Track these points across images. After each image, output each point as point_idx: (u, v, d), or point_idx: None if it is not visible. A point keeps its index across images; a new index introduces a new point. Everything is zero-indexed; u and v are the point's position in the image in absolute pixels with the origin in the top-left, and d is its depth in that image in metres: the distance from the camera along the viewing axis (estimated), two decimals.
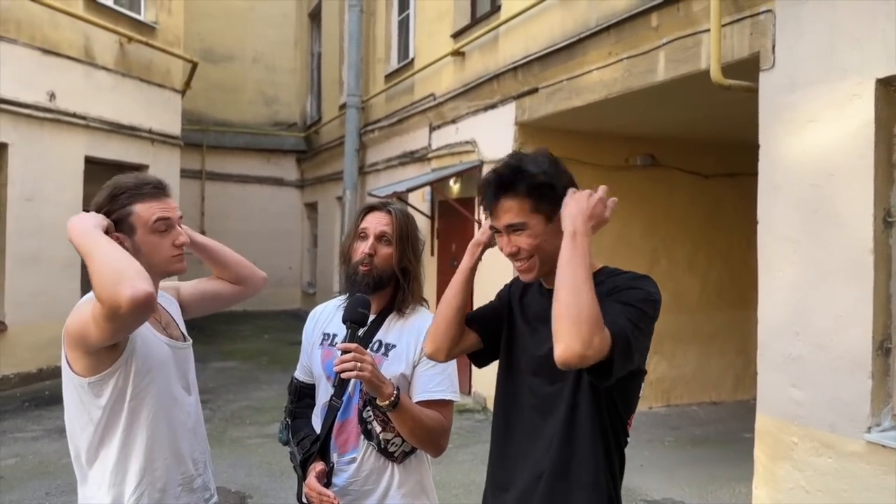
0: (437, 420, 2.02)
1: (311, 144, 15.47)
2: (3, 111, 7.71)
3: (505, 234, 1.72)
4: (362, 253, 2.10)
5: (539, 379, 1.74)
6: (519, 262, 1.73)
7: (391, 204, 2.20)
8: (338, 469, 2.06)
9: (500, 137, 7.12)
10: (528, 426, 1.76)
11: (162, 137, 10.39)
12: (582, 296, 1.48)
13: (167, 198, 1.94)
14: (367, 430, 2.04)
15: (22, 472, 5.40)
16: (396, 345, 2.09)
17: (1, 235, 7.88)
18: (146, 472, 1.88)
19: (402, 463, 2.07)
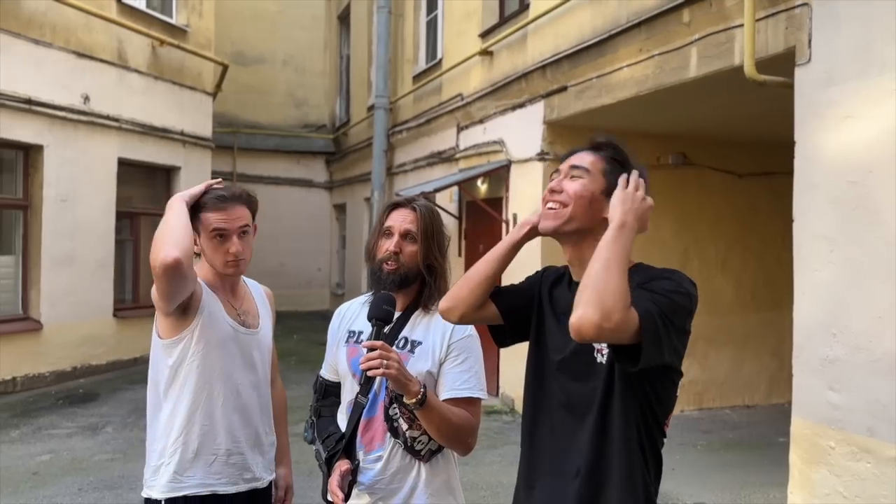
0: (465, 418, 1.99)
1: (339, 146, 15.55)
2: (40, 113, 7.86)
3: (563, 174, 1.71)
4: (387, 251, 2.08)
5: (568, 376, 1.70)
6: (553, 203, 1.69)
7: (416, 200, 2.17)
8: (364, 467, 2.05)
9: (528, 137, 7.07)
10: (557, 424, 1.71)
11: (193, 139, 10.51)
12: (612, 272, 1.45)
13: (234, 208, 2.15)
14: (393, 428, 2.02)
15: (56, 469, 5.48)
16: (422, 342, 2.07)
17: (37, 236, 8.03)
18: (183, 433, 2.13)
19: (429, 462, 2.04)
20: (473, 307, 1.82)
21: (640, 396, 1.59)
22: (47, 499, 4.86)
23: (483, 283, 1.81)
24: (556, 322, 1.76)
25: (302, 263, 15.76)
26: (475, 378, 2.05)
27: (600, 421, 1.61)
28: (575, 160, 1.70)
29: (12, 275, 8.00)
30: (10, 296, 7.97)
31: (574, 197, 1.66)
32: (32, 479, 5.24)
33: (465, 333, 2.07)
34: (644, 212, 1.59)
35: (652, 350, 1.47)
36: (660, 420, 1.63)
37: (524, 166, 7.22)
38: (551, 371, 1.74)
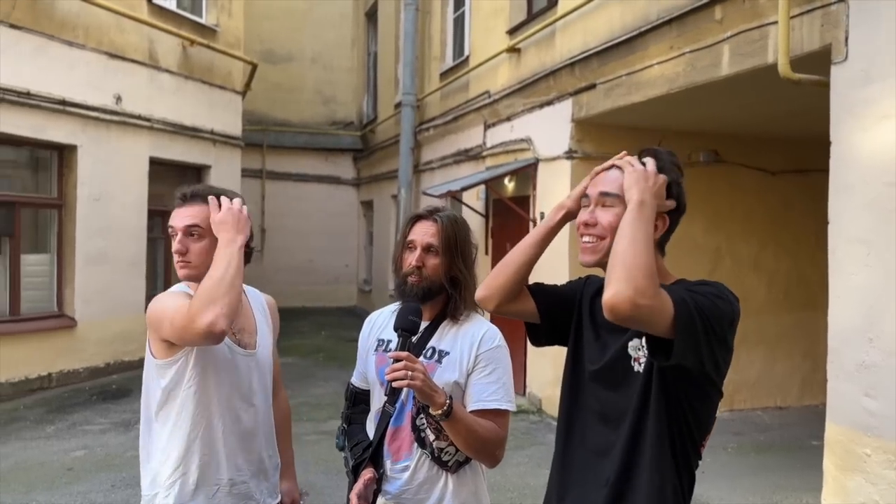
0: (492, 430, 1.96)
1: (367, 143, 15.59)
2: (73, 114, 7.99)
3: (593, 202, 1.67)
4: (410, 265, 2.08)
5: (603, 385, 1.67)
6: (588, 237, 1.66)
7: (439, 211, 2.15)
8: (391, 476, 2.05)
9: (556, 135, 7.01)
10: (590, 434, 1.69)
11: (223, 138, 10.62)
12: (639, 249, 1.43)
13: (190, 206, 2.05)
14: (420, 438, 2.02)
15: (89, 464, 5.58)
16: (450, 352, 2.06)
17: (71, 235, 8.18)
18: (182, 464, 2.00)
19: (457, 473, 2.03)
20: (510, 295, 1.81)
21: (675, 409, 1.55)
22: (81, 495, 4.95)
23: (519, 270, 1.80)
24: (593, 334, 1.74)
25: (330, 260, 15.85)
26: (503, 389, 2.02)
27: (633, 430, 1.58)
28: (604, 185, 1.65)
29: (47, 273, 8.16)
30: (46, 293, 8.13)
31: (609, 229, 1.62)
32: (67, 475, 5.34)
33: (494, 344, 2.05)
34: (659, 187, 1.57)
35: (686, 343, 1.43)
36: (696, 438, 1.59)
37: (552, 164, 7.16)
38: (586, 381, 1.72)
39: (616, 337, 1.65)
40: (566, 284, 1.90)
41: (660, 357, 1.47)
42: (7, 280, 7.63)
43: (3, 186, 7.75)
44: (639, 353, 1.59)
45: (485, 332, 2.06)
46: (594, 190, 1.66)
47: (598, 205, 1.65)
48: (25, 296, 7.80)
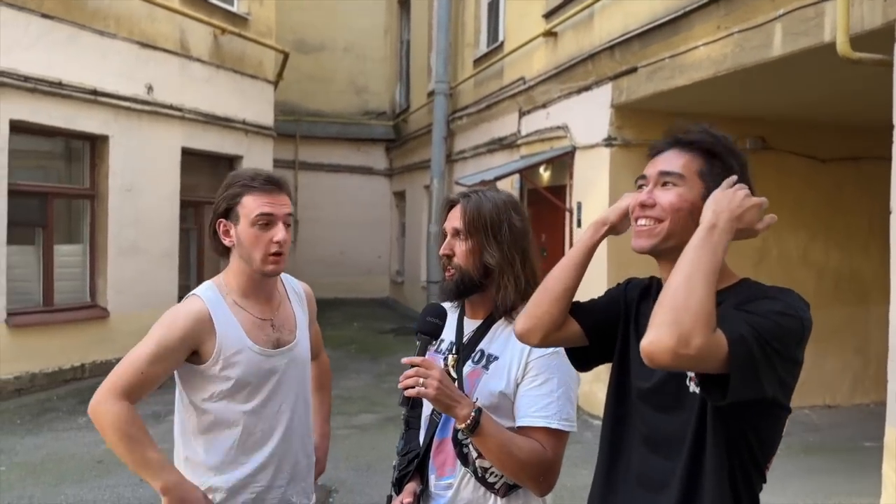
0: (534, 452, 1.67)
1: (399, 133, 15.45)
2: (105, 104, 7.97)
3: (651, 182, 1.45)
4: (441, 255, 1.87)
5: (652, 406, 1.46)
6: (645, 219, 1.44)
7: (473, 192, 1.90)
8: (434, 493, 1.84)
9: (594, 121, 6.77)
10: (636, 461, 1.48)
11: (256, 128, 10.55)
12: (695, 286, 1.21)
13: (280, 194, 1.93)
14: (462, 454, 1.76)
15: (119, 458, 5.53)
16: (500, 357, 1.79)
17: (103, 225, 8.17)
18: (216, 477, 1.91)
19: (506, 497, 1.76)
20: (555, 325, 1.57)
21: (737, 434, 1.34)
22: (109, 489, 4.89)
23: (563, 297, 1.56)
24: (638, 344, 1.53)
25: (362, 251, 15.77)
26: (556, 404, 1.72)
27: (690, 461, 1.37)
28: (664, 164, 1.45)
29: (80, 263, 8.17)
30: (79, 284, 8.14)
31: (670, 210, 1.41)
32: (97, 468, 5.30)
33: (550, 350, 1.75)
34: (744, 211, 1.32)
35: (743, 382, 1.22)
36: (759, 462, 1.38)
37: (589, 152, 6.92)
38: (633, 401, 1.51)
39: None
40: (605, 296, 1.68)
41: (714, 395, 1.26)
42: (40, 270, 7.65)
43: (36, 177, 7.76)
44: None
45: None
46: (653, 169, 1.46)
47: (656, 184, 1.45)
48: (59, 286, 7.81)
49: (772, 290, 1.36)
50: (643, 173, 1.49)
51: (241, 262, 1.95)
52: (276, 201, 1.92)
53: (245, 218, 1.90)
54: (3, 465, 5.32)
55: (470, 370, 1.81)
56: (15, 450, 5.68)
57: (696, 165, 1.43)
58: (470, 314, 1.89)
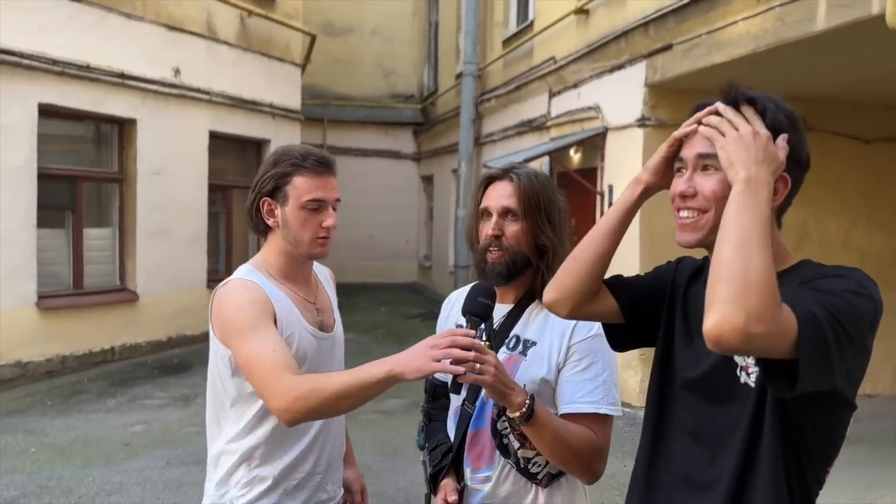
0: (586, 439, 1.61)
1: (427, 116, 15.32)
2: (132, 87, 7.96)
3: (690, 167, 1.30)
4: (487, 235, 1.73)
5: (698, 398, 1.33)
6: (687, 211, 1.29)
7: (515, 168, 1.78)
8: (471, 487, 1.75)
9: (626, 101, 6.57)
10: (680, 454, 1.36)
11: (283, 112, 10.49)
12: (752, 253, 1.06)
13: (330, 176, 1.85)
14: (503, 445, 1.69)
15: (147, 440, 5.54)
16: (537, 342, 1.72)
17: (132, 209, 8.20)
18: (259, 462, 1.82)
19: (549, 487, 1.70)
20: (585, 296, 1.45)
21: (795, 431, 1.20)
22: (137, 472, 4.89)
23: (595, 265, 1.43)
24: (687, 333, 1.39)
25: (390, 236, 15.71)
26: (602, 389, 1.65)
27: (740, 459, 1.24)
28: (702, 145, 1.28)
29: (109, 247, 8.22)
30: (108, 267, 8.19)
31: (713, 199, 1.26)
32: (124, 451, 5.31)
33: (592, 332, 1.68)
34: (765, 147, 1.18)
35: (813, 369, 1.07)
36: (817, 465, 1.24)
37: (622, 133, 6.73)
38: (678, 391, 1.38)
39: None
40: (652, 273, 1.55)
41: (779, 384, 1.12)
42: (70, 254, 7.69)
43: (66, 161, 7.79)
44: (748, 361, 1.24)
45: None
46: (690, 152, 1.30)
47: (696, 169, 1.29)
48: (88, 270, 7.85)
49: (839, 268, 1.21)
50: (680, 155, 1.34)
51: (285, 242, 1.85)
52: (327, 184, 1.83)
53: (294, 200, 1.80)
54: (34, 447, 5.36)
55: (506, 357, 1.71)
56: (45, 431, 5.72)
57: None
58: (499, 298, 1.77)
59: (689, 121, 1.32)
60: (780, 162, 1.21)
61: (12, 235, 6.78)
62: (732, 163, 1.17)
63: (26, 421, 5.97)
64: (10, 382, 6.81)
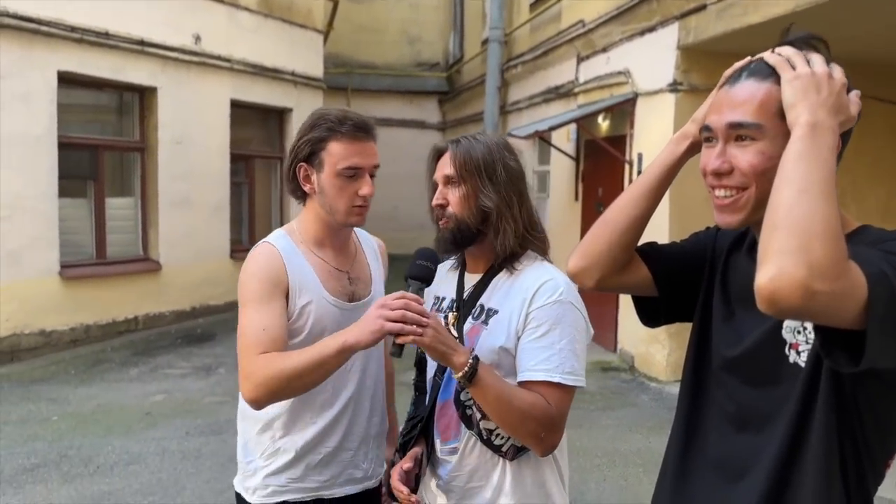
0: (535, 406, 1.52)
1: (452, 85, 15.06)
2: (152, 55, 7.87)
3: (721, 137, 1.13)
4: (434, 205, 1.69)
5: (740, 378, 1.18)
6: (723, 190, 1.13)
7: (461, 137, 1.72)
8: (441, 459, 1.72)
9: (658, 65, 6.31)
10: (716, 440, 1.22)
11: (305, 80, 10.35)
12: (815, 199, 0.92)
13: (368, 141, 1.77)
14: (466, 416, 1.63)
15: (167, 409, 5.54)
16: (499, 310, 1.64)
17: (154, 178, 8.16)
18: (284, 435, 1.80)
19: (516, 459, 1.63)
20: (616, 264, 1.31)
21: (851, 415, 1.06)
22: (156, 441, 4.88)
23: (628, 230, 1.29)
24: (726, 307, 1.24)
25: (414, 207, 15.44)
26: (558, 357, 1.55)
27: (788, 444, 1.09)
28: (734, 111, 1.10)
29: (132, 216, 8.20)
30: (131, 237, 8.18)
31: (753, 173, 1.10)
32: (145, 420, 5.30)
33: (553, 298, 1.58)
34: (837, 95, 1.03)
35: (887, 336, 0.92)
36: (877, 456, 1.09)
37: (653, 99, 6.47)
38: (717, 370, 1.23)
39: (759, 314, 1.15)
40: (690, 239, 1.39)
41: (841, 359, 0.96)
42: (93, 223, 7.68)
43: (87, 130, 7.74)
44: (798, 338, 1.09)
45: (543, 284, 1.59)
46: (719, 119, 1.12)
47: (727, 141, 1.12)
48: (111, 239, 7.85)
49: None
50: (707, 123, 1.16)
51: (321, 210, 1.80)
52: (364, 150, 1.75)
53: (330, 166, 1.74)
54: (56, 415, 5.38)
55: (470, 327, 1.68)
56: (68, 399, 5.74)
57: (777, 102, 1.08)
58: (471, 268, 1.76)
59: (740, 63, 1.15)
60: (850, 116, 1.06)
61: (34, 205, 6.77)
62: (796, 103, 1.02)
63: (49, 389, 6.00)
64: (34, 351, 6.86)
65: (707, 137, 1.16)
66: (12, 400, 5.69)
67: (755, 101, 1.09)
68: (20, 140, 6.61)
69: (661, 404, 5.76)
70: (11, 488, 4.12)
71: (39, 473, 4.33)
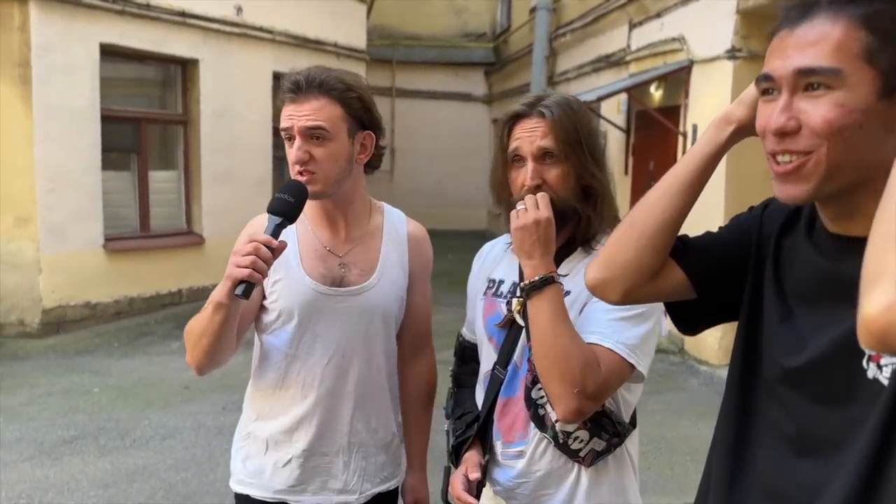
0: (584, 352, 1.32)
1: (499, 55, 14.74)
2: (194, 26, 7.80)
3: (786, 87, 0.91)
4: (524, 185, 1.45)
5: (803, 394, 0.96)
6: (786, 156, 0.91)
7: (543, 100, 1.47)
8: (502, 463, 1.52)
9: (715, 31, 5.97)
10: (770, 467, 1.00)
11: (347, 51, 10.19)
12: None
13: (303, 101, 1.57)
14: (538, 417, 1.45)
15: (205, 384, 5.50)
16: (571, 291, 1.45)
17: (196, 151, 8.13)
18: (254, 423, 1.71)
19: (594, 466, 1.45)
20: (644, 274, 1.09)
21: None
22: (192, 416, 4.85)
23: (660, 233, 1.08)
24: (781, 305, 1.01)
25: (459, 182, 15.35)
26: (616, 325, 1.36)
27: (863, 480, 0.87)
28: (802, 55, 0.88)
29: (175, 189, 8.21)
30: (175, 210, 8.20)
31: (829, 132, 0.87)
32: (183, 394, 5.29)
33: None
34: None
35: None
36: None
37: (709, 66, 6.12)
38: (772, 383, 1.01)
39: (828, 313, 0.93)
40: (731, 226, 1.16)
41: None
42: (136, 197, 7.71)
43: (131, 103, 7.74)
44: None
45: None
46: (783, 64, 0.90)
47: (794, 91, 0.90)
48: (155, 213, 7.88)
49: None
50: (766, 71, 0.93)
51: None
52: (295, 112, 1.57)
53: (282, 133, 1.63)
54: (97, 387, 5.41)
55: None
56: (110, 372, 5.78)
57: (858, 42, 0.86)
58: None
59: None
60: None
61: (77, 178, 6.80)
62: None
63: (93, 361, 6.06)
64: (79, 323, 6.94)
65: (766, 89, 0.94)
66: (57, 371, 5.76)
67: (831, 40, 0.87)
68: (64, 113, 6.62)
69: (712, 389, 5.50)
70: (50, 460, 4.14)
71: (77, 445, 4.34)
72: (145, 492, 3.80)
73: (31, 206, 6.53)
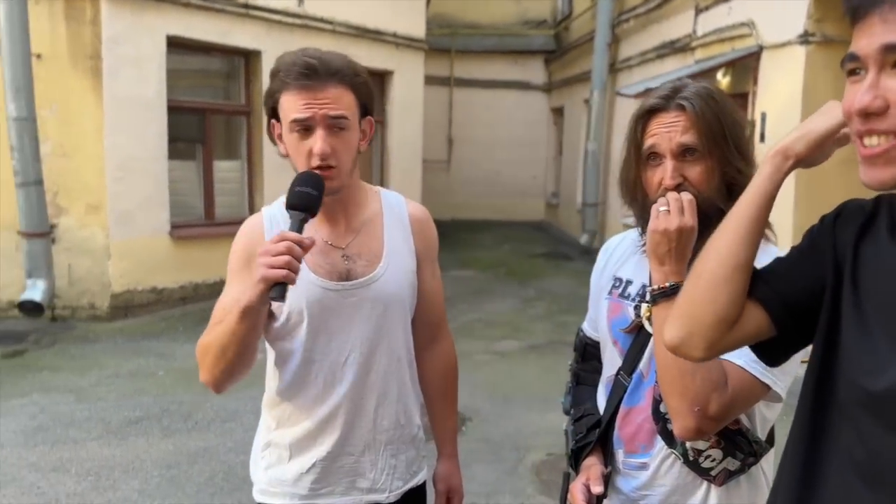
0: (712, 367, 1.20)
1: (560, 43, 14.51)
2: (257, 17, 7.92)
3: (873, 65, 0.85)
4: (663, 185, 1.35)
5: (876, 420, 0.87)
6: (874, 137, 0.85)
7: (680, 91, 1.37)
8: (626, 472, 1.46)
9: (787, 14, 5.73)
10: (839, 495, 0.92)
11: (406, 41, 10.20)
12: None
13: (321, 88, 1.46)
14: (666, 432, 1.37)
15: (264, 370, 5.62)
16: None
17: (259, 141, 8.26)
18: (275, 430, 1.66)
19: (725, 485, 1.36)
20: (726, 323, 1.03)
21: None
22: (252, 399, 4.72)
23: (731, 279, 1.02)
24: (856, 320, 0.92)
25: (516, 172, 15.22)
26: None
27: None
28: (891, 32, 0.83)
29: (238, 179, 8.38)
30: (237, 199, 8.37)
31: None
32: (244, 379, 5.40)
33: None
34: None
35: None
36: None
37: (780, 52, 5.88)
38: (847, 407, 0.92)
39: None
40: (804, 244, 1.06)
41: None
42: (201, 186, 7.91)
43: (196, 94, 7.93)
44: None
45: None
46: (869, 42, 0.84)
47: (882, 69, 0.84)
48: (219, 201, 8.06)
49: None
50: (851, 51, 0.87)
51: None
52: (315, 98, 1.46)
53: (285, 122, 1.50)
54: (162, 370, 5.58)
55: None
56: (174, 356, 5.95)
57: None
58: None
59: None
60: None
61: (144, 166, 7.01)
62: None
63: (158, 345, 6.25)
64: (146, 307, 7.17)
65: (852, 69, 0.88)
66: (125, 354, 5.97)
67: None
68: (132, 104, 6.83)
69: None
70: (116, 439, 4.29)
71: (142, 426, 4.48)
72: (205, 473, 3.89)
73: (101, 194, 6.78)
